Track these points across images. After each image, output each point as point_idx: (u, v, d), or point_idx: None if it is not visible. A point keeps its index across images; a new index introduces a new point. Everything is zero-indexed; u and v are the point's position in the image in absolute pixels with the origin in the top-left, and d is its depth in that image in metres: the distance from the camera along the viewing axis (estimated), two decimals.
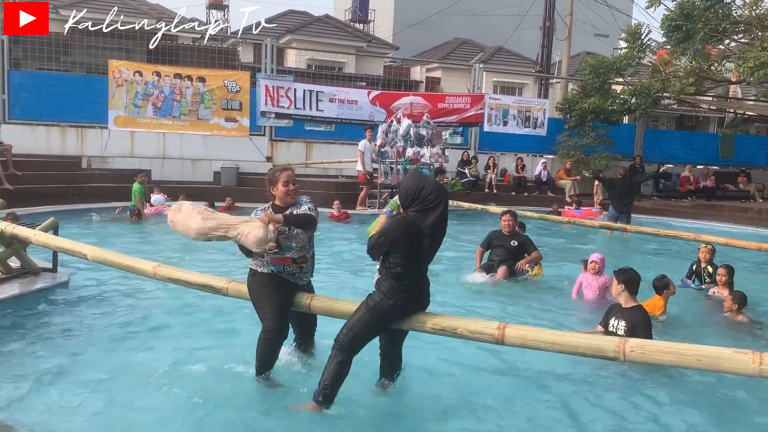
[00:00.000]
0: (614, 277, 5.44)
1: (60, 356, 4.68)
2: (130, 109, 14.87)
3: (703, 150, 21.42)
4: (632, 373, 4.71)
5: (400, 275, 3.77)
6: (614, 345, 3.41)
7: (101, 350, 4.87)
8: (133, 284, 6.67)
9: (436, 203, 3.75)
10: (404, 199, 3.84)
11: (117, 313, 5.79)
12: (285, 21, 27.86)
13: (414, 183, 3.84)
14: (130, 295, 6.42)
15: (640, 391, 4.45)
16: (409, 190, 3.81)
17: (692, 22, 16.42)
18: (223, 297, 4.70)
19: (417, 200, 3.76)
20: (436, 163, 14.59)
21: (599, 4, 23.84)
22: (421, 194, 3.75)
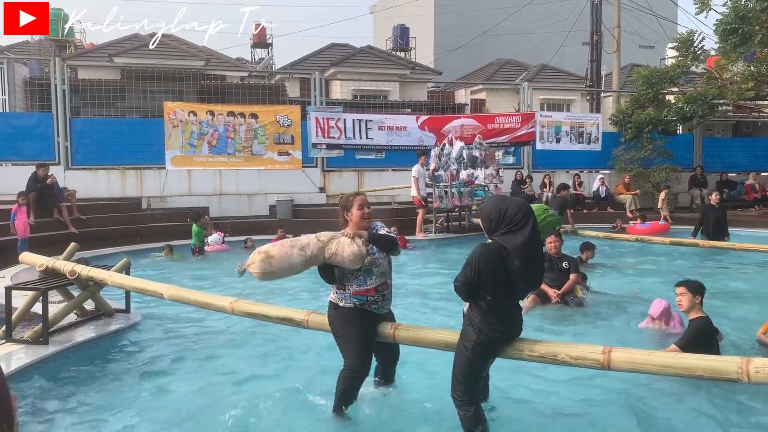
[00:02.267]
0: (681, 289, 5.19)
1: (139, 400, 4.63)
2: (186, 149, 15.16)
3: (767, 156, 20.57)
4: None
5: (492, 305, 3.58)
6: (736, 366, 3.13)
7: (178, 392, 4.79)
8: (205, 321, 6.65)
9: (522, 223, 3.56)
10: (488, 224, 3.66)
11: (191, 351, 5.74)
12: (328, 54, 28.25)
13: (496, 206, 3.65)
14: (202, 332, 6.38)
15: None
16: (491, 214, 3.63)
17: (749, 24, 15.88)
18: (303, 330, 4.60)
19: (502, 224, 3.58)
20: (490, 183, 14.37)
21: (644, 13, 23.39)
22: (505, 217, 3.56)
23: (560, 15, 34.04)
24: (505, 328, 3.66)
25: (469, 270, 3.55)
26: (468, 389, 3.71)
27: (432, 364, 4.85)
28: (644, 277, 9.67)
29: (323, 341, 5.20)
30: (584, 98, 28.53)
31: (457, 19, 40.75)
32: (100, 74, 20.90)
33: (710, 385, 4.45)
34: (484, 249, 3.58)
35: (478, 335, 3.61)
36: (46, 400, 4.55)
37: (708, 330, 5.13)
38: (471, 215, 14.23)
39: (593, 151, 18.38)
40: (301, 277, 9.71)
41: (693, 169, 19.01)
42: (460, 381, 3.71)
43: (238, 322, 6.07)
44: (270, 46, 36.37)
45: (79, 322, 6.14)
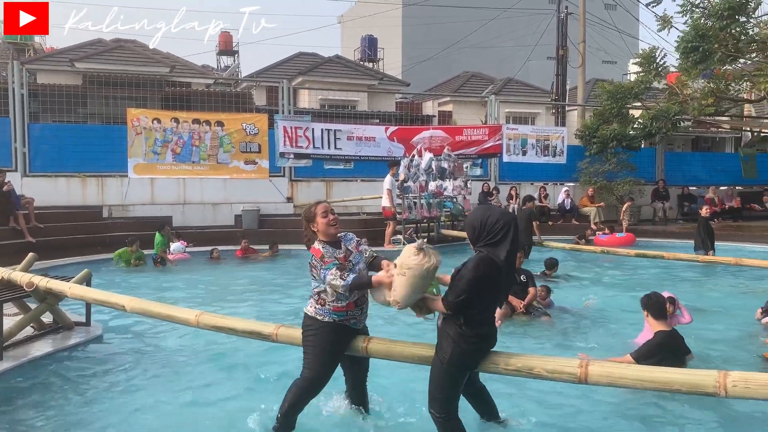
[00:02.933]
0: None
1: (100, 417, 4.43)
2: (150, 157, 14.83)
3: (725, 171, 21.12)
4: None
5: (473, 317, 3.51)
6: (713, 380, 3.11)
7: (142, 408, 4.60)
8: (169, 333, 6.44)
9: (504, 232, 3.51)
10: (471, 234, 3.60)
11: (154, 366, 5.53)
12: (296, 63, 28.11)
13: (478, 216, 3.60)
14: (166, 345, 6.17)
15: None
16: (474, 223, 3.58)
17: (708, 42, 16.31)
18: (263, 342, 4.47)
19: (484, 233, 3.53)
20: (459, 195, 14.40)
21: (608, 29, 23.88)
22: (487, 225, 3.52)
23: (526, 29, 34.60)
24: (481, 340, 3.59)
25: (466, 285, 3.44)
26: (445, 404, 3.63)
27: (407, 376, 4.75)
28: (607, 288, 9.78)
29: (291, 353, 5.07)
30: (549, 112, 28.96)
31: (424, 31, 41.07)
32: (60, 79, 20.35)
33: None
34: (478, 260, 3.50)
35: (454, 348, 3.54)
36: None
37: (671, 344, 5.12)
38: (440, 226, 14.22)
39: (558, 164, 18.60)
40: (272, 282, 9.61)
41: (655, 182, 19.38)
42: (437, 397, 3.64)
43: (203, 334, 5.88)
44: (236, 53, 36.05)
45: (36, 336, 5.89)
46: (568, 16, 20.67)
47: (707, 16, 17.14)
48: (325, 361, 3.95)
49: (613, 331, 6.89)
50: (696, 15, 17.51)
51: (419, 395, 3.93)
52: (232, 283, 10.27)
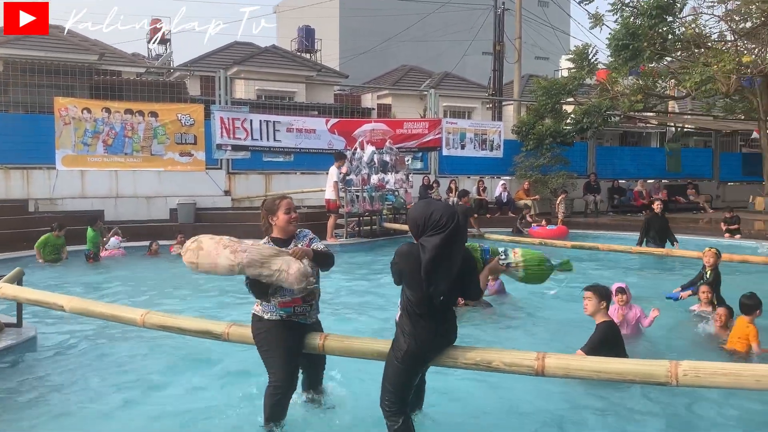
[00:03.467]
0: (588, 293, 5.26)
1: (32, 426, 4.18)
2: (79, 148, 14.20)
3: (652, 165, 22.02)
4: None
5: (419, 310, 3.50)
6: (665, 370, 3.21)
7: (77, 415, 4.37)
8: (109, 335, 6.17)
9: (447, 226, 3.49)
10: (414, 229, 3.57)
11: (92, 370, 5.27)
12: (231, 53, 27.50)
13: (422, 211, 3.56)
14: (107, 348, 5.91)
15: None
16: (417, 219, 3.55)
17: (638, 41, 16.93)
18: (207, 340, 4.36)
19: (428, 228, 3.50)
20: (400, 188, 14.45)
21: (541, 26, 24.45)
22: (430, 221, 3.49)
23: (462, 24, 35.01)
24: (437, 335, 3.59)
25: (393, 267, 3.57)
26: (397, 399, 3.61)
27: (361, 372, 4.72)
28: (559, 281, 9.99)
29: (237, 350, 4.95)
30: (484, 107, 29.45)
31: (362, 23, 40.93)
32: None
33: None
34: (406, 248, 3.54)
35: (409, 344, 3.53)
36: None
37: (613, 333, 5.28)
38: (382, 220, 14.22)
39: (495, 158, 18.95)
40: (226, 282, 9.37)
41: (587, 176, 20.00)
42: (390, 391, 3.61)
43: (146, 334, 5.67)
44: (168, 42, 34.90)
45: None
46: (505, 12, 21.00)
47: (636, 15, 17.80)
48: (283, 360, 3.87)
49: (557, 321, 7.04)
50: (626, 14, 18.17)
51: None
52: (175, 280, 9.90)
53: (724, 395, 4.51)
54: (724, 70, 15.25)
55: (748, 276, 9.65)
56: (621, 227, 16.90)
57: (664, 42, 17.52)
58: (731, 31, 17.98)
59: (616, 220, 18.24)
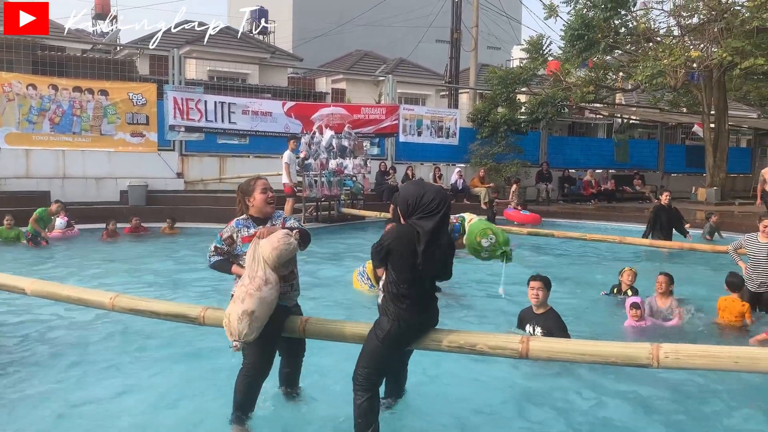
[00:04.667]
0: (537, 284, 5.32)
1: None
2: (24, 126, 13.61)
3: (601, 155, 22.58)
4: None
5: (404, 292, 3.49)
6: (647, 352, 3.30)
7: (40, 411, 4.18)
8: (72, 319, 5.95)
9: (437, 210, 3.51)
10: (404, 209, 3.57)
11: (55, 358, 5.08)
12: (182, 32, 26.68)
13: (414, 191, 3.57)
14: (69, 334, 5.70)
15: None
16: (409, 199, 3.54)
17: (593, 32, 17.28)
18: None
19: (418, 209, 3.50)
20: (358, 174, 14.39)
21: (495, 14, 24.67)
22: (422, 202, 3.50)
23: (419, 11, 34.98)
24: (420, 318, 3.60)
25: (379, 246, 3.52)
26: (370, 376, 3.60)
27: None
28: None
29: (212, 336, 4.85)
30: (438, 94, 29.57)
31: (316, 5, 40.40)
32: None
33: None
34: (397, 228, 3.54)
35: (392, 325, 3.53)
36: None
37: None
38: (340, 205, 14.15)
39: (451, 145, 19.08)
40: (197, 269, 9.12)
41: (540, 165, 20.36)
42: (365, 367, 3.60)
43: (114, 320, 5.48)
44: (114, 18, 33.65)
45: None
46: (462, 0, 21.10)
47: (590, 7, 18.18)
48: (262, 344, 3.79)
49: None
50: (579, 5, 18.52)
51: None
52: (138, 264, 9.58)
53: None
54: (673, 64, 15.74)
55: (690, 266, 10.06)
56: (572, 215, 17.33)
57: (617, 35, 17.96)
58: (679, 26, 18.57)
59: (566, 208, 18.65)
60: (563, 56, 19.09)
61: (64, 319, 6.03)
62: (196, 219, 13.56)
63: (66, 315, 6.08)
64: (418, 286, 3.53)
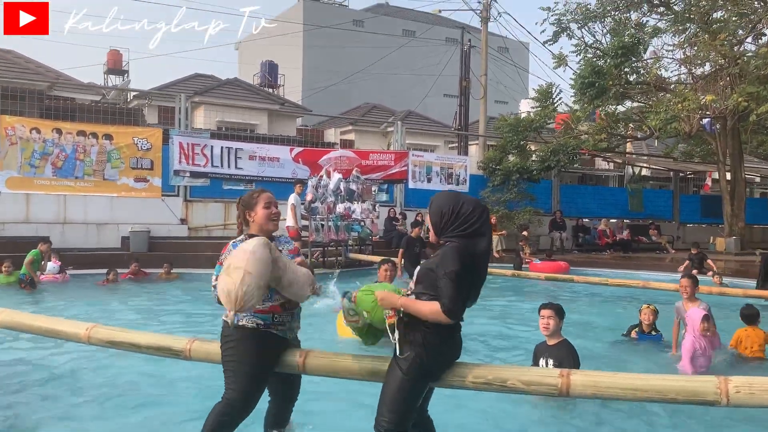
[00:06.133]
0: (548, 312, 4.94)
1: None
2: (26, 170, 13.34)
3: (614, 204, 22.14)
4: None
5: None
6: (714, 386, 2.75)
7: None
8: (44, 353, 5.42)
9: (483, 228, 3.05)
10: (438, 220, 3.10)
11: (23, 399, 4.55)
12: (191, 84, 26.87)
13: (449, 201, 3.11)
14: (39, 371, 5.16)
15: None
16: (443, 208, 3.08)
17: (603, 79, 17.09)
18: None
19: (455, 223, 3.04)
20: (367, 218, 13.94)
21: (504, 65, 24.73)
22: (460, 215, 3.04)
23: (425, 63, 35.38)
24: (449, 347, 3.08)
25: (457, 280, 2.91)
26: (398, 420, 3.03)
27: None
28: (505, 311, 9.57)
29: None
30: (447, 146, 29.44)
31: (325, 60, 40.99)
32: None
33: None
34: (457, 251, 2.98)
35: (417, 353, 2.99)
36: None
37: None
38: (347, 250, 13.66)
39: (462, 192, 18.67)
40: (173, 301, 8.60)
41: (552, 213, 19.90)
42: (390, 410, 3.02)
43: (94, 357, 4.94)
44: (126, 73, 34.15)
45: None
46: (471, 48, 21.12)
47: (600, 56, 18.08)
48: (251, 378, 3.26)
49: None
50: (589, 55, 18.44)
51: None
52: (131, 308, 9.09)
53: None
54: (688, 109, 15.44)
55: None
56: (588, 264, 16.72)
57: (628, 84, 17.79)
58: (690, 74, 18.40)
59: (581, 257, 18.05)
60: (574, 103, 18.91)
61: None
62: (198, 265, 13.08)
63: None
64: (464, 310, 3.05)
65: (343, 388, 4.84)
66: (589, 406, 4.47)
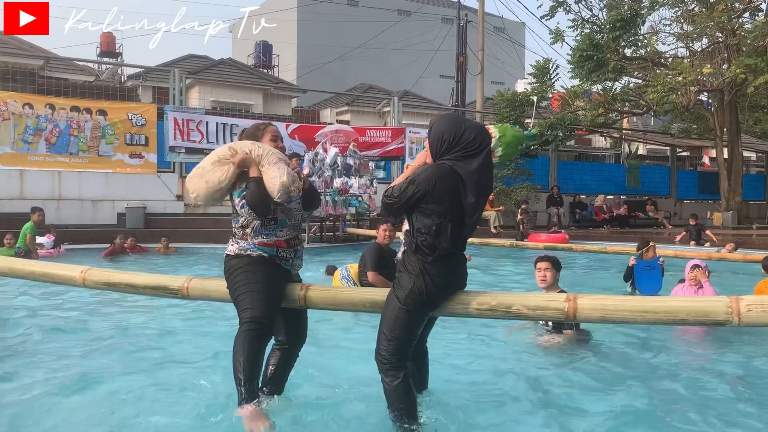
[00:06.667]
0: (545, 264, 4.93)
1: None
2: (19, 146, 13.20)
3: (612, 180, 22.08)
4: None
5: (436, 242, 2.91)
6: (725, 305, 2.69)
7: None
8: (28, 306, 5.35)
9: (480, 149, 2.97)
10: (437, 146, 3.02)
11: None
12: (185, 65, 26.61)
13: (451, 126, 3.01)
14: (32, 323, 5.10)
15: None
16: (444, 134, 2.99)
17: (601, 52, 16.97)
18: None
19: (455, 147, 2.96)
20: (364, 194, 13.85)
21: (505, 41, 24.59)
22: (462, 140, 2.96)
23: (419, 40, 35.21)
24: (448, 276, 3.01)
25: (411, 186, 2.92)
26: (397, 350, 2.99)
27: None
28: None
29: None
30: None
31: (319, 39, 40.71)
32: None
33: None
34: (436, 167, 2.95)
35: (415, 282, 2.94)
36: None
37: None
38: (345, 225, 13.59)
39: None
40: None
41: (549, 189, 19.84)
42: (388, 339, 2.99)
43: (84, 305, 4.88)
44: (119, 55, 33.83)
45: None
46: (467, 24, 20.93)
47: (597, 31, 17.94)
48: (267, 295, 3.17)
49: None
50: (586, 30, 18.29)
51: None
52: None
53: None
54: (686, 81, 15.35)
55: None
56: (586, 239, 16.66)
57: (625, 58, 17.67)
58: (687, 48, 18.30)
59: (579, 233, 17.99)
60: (571, 78, 18.78)
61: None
62: (196, 241, 13.01)
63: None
64: (451, 237, 2.95)
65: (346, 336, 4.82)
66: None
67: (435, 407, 3.32)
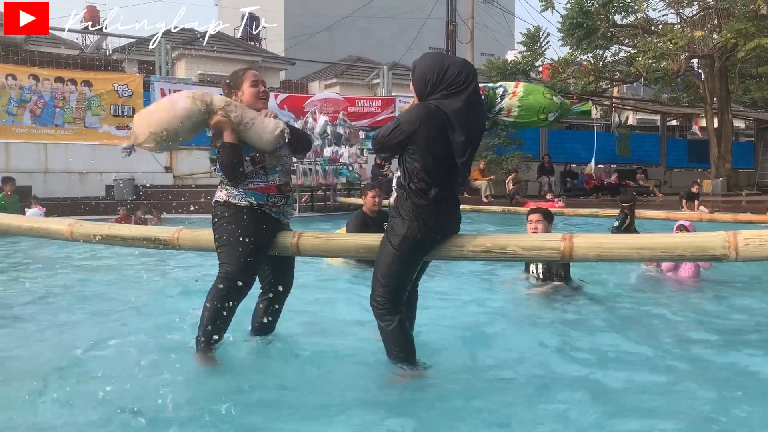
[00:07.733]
0: (536, 216, 4.98)
1: None
2: (3, 118, 13.03)
3: (602, 149, 22.02)
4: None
5: (425, 186, 2.86)
6: (722, 240, 2.66)
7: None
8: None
9: (465, 85, 2.89)
10: (422, 86, 2.94)
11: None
12: (172, 37, 26.19)
13: (433, 64, 2.93)
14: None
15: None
16: (427, 73, 2.91)
17: (591, 19, 16.84)
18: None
19: (440, 87, 2.88)
20: (355, 163, 13.77)
21: (495, 8, 24.36)
22: (445, 77, 2.88)
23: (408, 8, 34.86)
24: (442, 219, 2.96)
25: (396, 128, 2.87)
26: (391, 295, 2.97)
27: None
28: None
29: None
30: None
31: (306, 11, 40.18)
32: None
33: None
34: (419, 107, 2.88)
35: (409, 227, 2.89)
36: None
37: None
38: (336, 194, 13.53)
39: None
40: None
41: (540, 159, 19.82)
42: (383, 284, 2.97)
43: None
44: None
45: None
46: None
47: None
48: (246, 253, 3.13)
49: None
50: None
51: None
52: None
53: None
54: (676, 46, 15.29)
55: None
56: (582, 207, 16.69)
57: (615, 26, 17.55)
58: (677, 13, 18.20)
59: (569, 202, 18.01)
60: (561, 47, 18.67)
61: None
62: (187, 212, 12.92)
63: None
64: (443, 179, 2.90)
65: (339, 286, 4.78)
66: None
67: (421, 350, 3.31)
